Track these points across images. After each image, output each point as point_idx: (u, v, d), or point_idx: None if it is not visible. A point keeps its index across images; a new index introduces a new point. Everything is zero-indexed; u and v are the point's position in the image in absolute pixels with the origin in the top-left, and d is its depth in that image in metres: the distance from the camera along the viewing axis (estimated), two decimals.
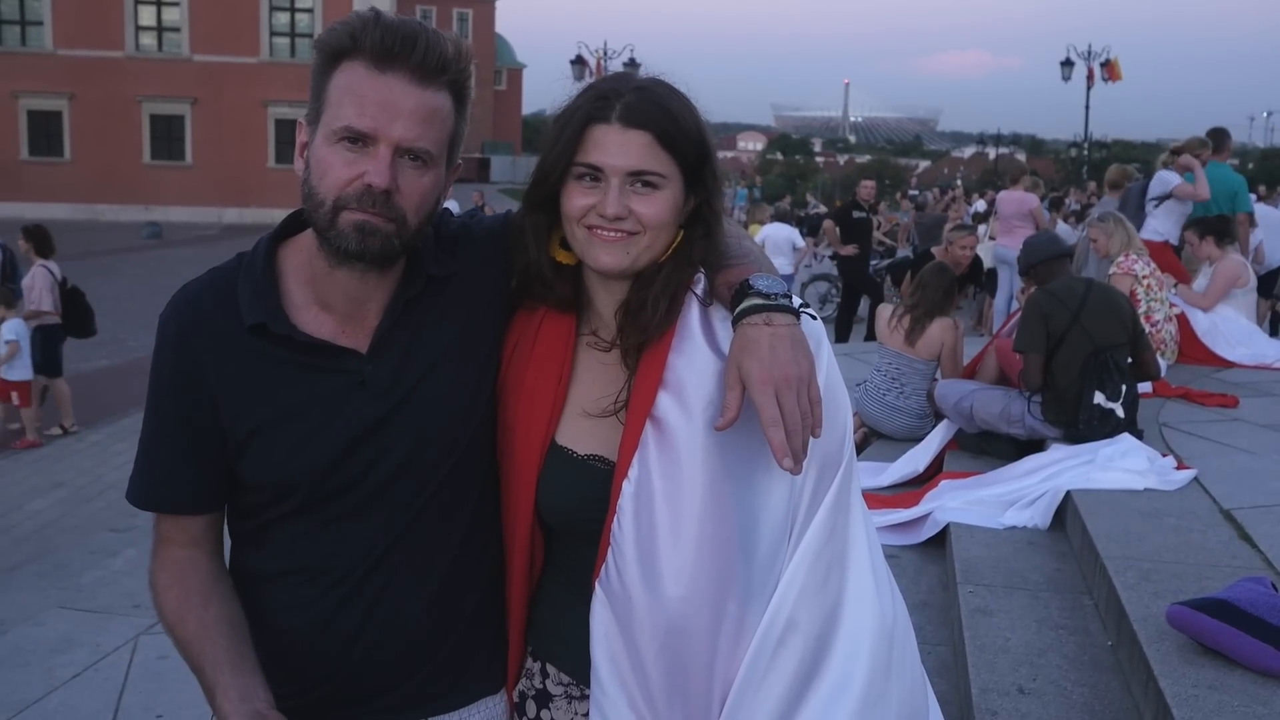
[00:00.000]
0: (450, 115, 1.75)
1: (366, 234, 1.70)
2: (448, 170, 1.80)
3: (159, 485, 1.83)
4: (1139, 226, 9.54)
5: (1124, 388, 5.73)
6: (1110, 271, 7.64)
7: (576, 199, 1.73)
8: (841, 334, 14.32)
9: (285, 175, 40.14)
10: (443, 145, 1.75)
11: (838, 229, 15.01)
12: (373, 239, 1.70)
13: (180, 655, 1.81)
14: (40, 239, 11.25)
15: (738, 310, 1.70)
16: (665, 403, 1.72)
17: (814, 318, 1.75)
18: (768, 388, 1.60)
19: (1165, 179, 9.68)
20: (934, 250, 10.63)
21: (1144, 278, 7.66)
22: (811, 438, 1.66)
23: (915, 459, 6.47)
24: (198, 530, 1.86)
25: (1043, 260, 6.27)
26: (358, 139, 1.67)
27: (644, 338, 1.75)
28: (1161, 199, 9.62)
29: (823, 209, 16.44)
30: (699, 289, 1.80)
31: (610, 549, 1.73)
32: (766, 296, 1.69)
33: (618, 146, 1.70)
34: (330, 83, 1.70)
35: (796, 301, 1.75)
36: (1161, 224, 9.60)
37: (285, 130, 41.72)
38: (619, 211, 1.69)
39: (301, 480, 1.77)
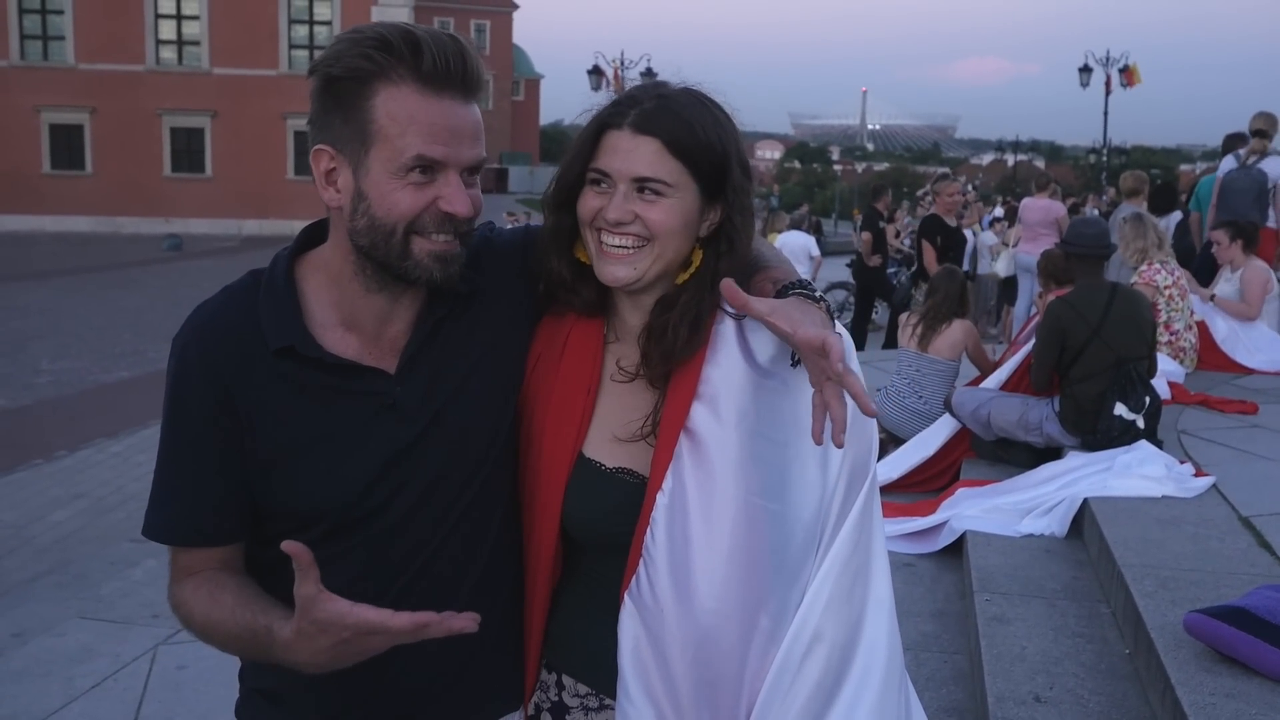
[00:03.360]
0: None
1: (448, 261, 1.70)
2: None
3: (186, 517, 1.73)
4: (1263, 217, 9.51)
5: (1147, 399, 5.71)
6: (1131, 281, 7.61)
7: (588, 201, 1.75)
8: (857, 341, 14.31)
9: (304, 187, 40.50)
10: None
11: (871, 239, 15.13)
12: (452, 264, 1.71)
13: (220, 643, 1.71)
14: None
15: (791, 289, 1.70)
16: (700, 414, 1.72)
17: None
18: (817, 340, 1.55)
19: None
20: (933, 210, 10.88)
21: (1166, 288, 7.63)
22: (846, 451, 1.68)
23: (924, 444, 6.48)
24: (222, 559, 1.77)
25: (1083, 252, 6.07)
26: (430, 167, 1.65)
27: (669, 365, 1.75)
28: None
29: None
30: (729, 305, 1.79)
31: (642, 561, 1.73)
32: (817, 302, 1.69)
33: (625, 152, 1.71)
34: (373, 107, 1.64)
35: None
36: None
37: (304, 142, 40.82)
38: (620, 216, 1.70)
39: (330, 507, 1.72)
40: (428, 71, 1.63)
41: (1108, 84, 40.30)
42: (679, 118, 1.71)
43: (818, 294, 1.70)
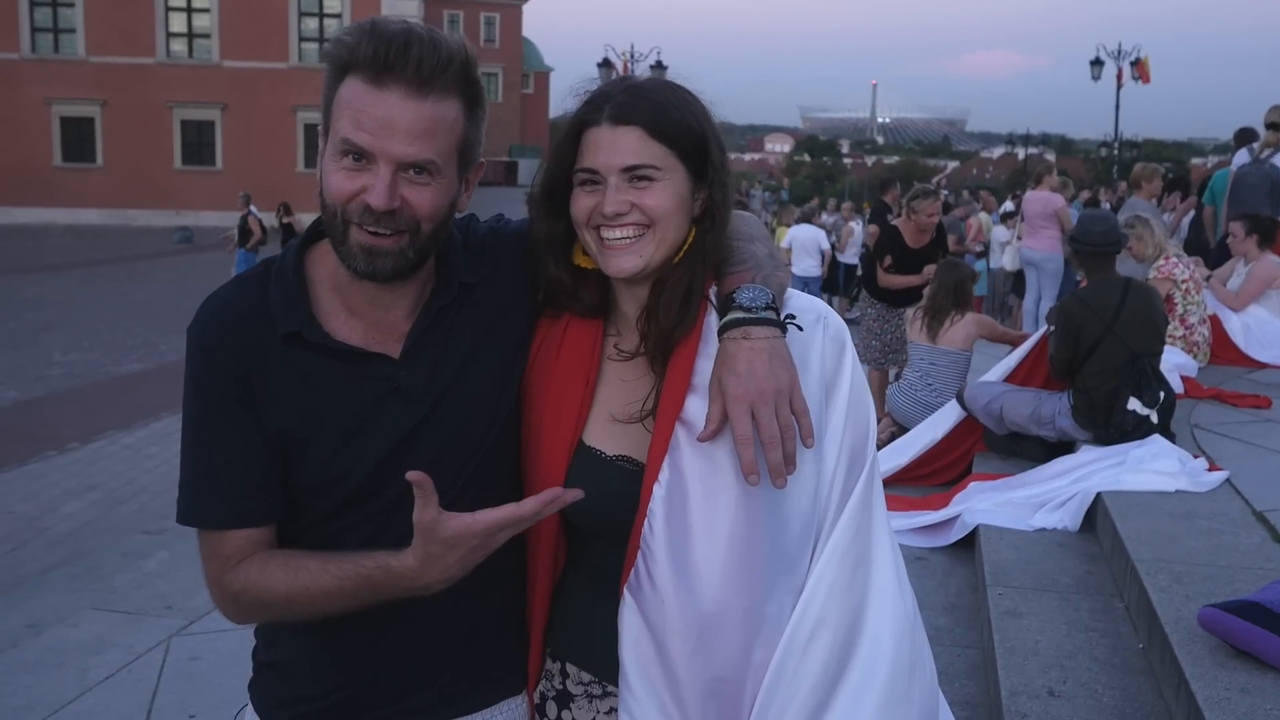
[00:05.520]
0: (458, 120, 1.73)
1: (375, 256, 1.71)
2: (466, 173, 1.80)
3: (229, 499, 1.75)
4: (1275, 212, 9.48)
5: (1161, 394, 5.69)
6: (1150, 275, 7.59)
7: (581, 201, 1.76)
8: None
9: (314, 180, 40.00)
10: (449, 153, 1.73)
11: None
12: (382, 260, 1.71)
13: (309, 607, 1.72)
14: None
15: (720, 325, 1.73)
16: (694, 406, 1.73)
17: (800, 328, 1.75)
18: (742, 404, 1.64)
19: None
20: (895, 221, 10.29)
21: (1183, 281, 7.61)
22: (830, 438, 1.70)
23: (930, 429, 6.49)
24: (264, 540, 1.79)
25: (1092, 250, 6.04)
26: (359, 155, 1.68)
27: (668, 343, 1.77)
28: None
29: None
30: (714, 296, 1.80)
31: (640, 552, 1.74)
32: (748, 310, 1.71)
33: (609, 145, 1.72)
34: (336, 96, 1.71)
35: (796, 304, 1.78)
36: None
37: (314, 135, 41.09)
38: (618, 208, 1.71)
39: (335, 487, 1.76)
40: (368, 62, 1.66)
41: (1119, 77, 40.15)
42: (653, 103, 1.74)
43: (754, 309, 1.71)
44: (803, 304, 1.82)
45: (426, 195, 1.71)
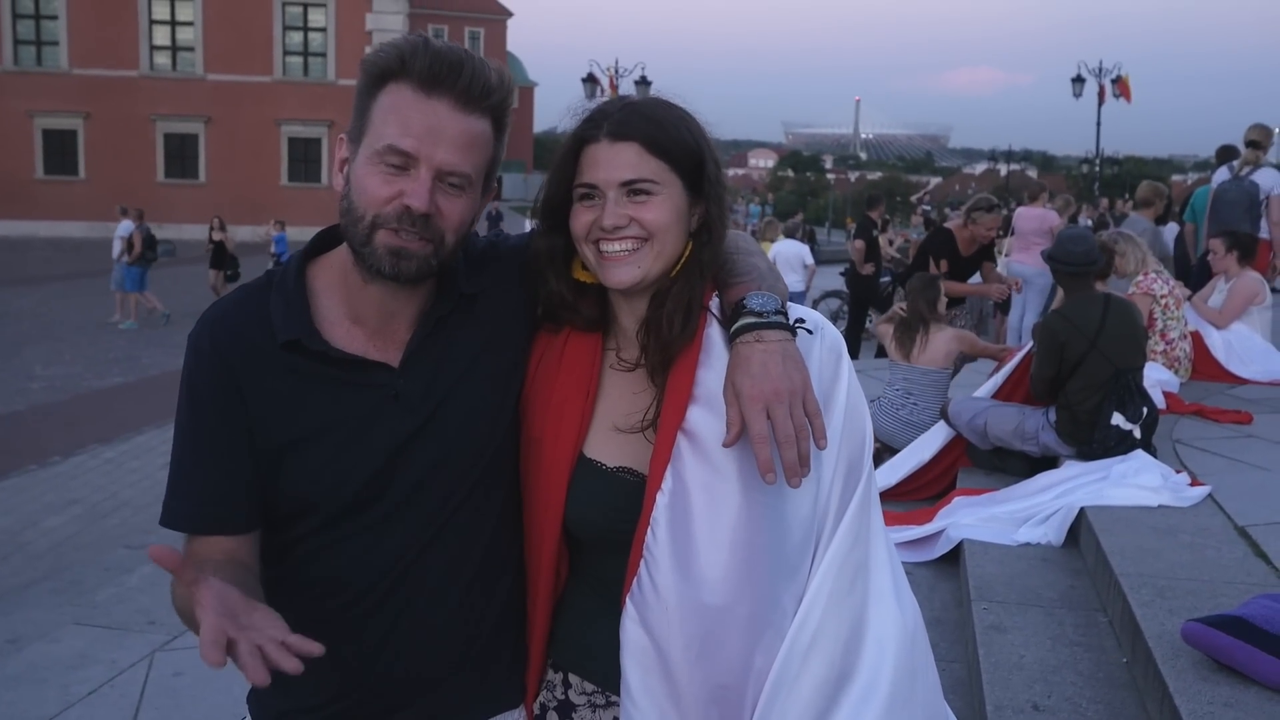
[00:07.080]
0: (490, 141, 1.80)
1: (401, 258, 1.74)
2: (484, 193, 1.85)
3: (207, 504, 1.77)
4: (1254, 229, 9.57)
5: (1144, 410, 5.72)
6: (1129, 291, 7.63)
7: (581, 216, 1.79)
8: (851, 350, 14.30)
9: (298, 194, 40.70)
10: (481, 170, 1.79)
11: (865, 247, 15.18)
12: (407, 263, 1.75)
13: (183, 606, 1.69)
14: None
15: (732, 330, 1.76)
16: (697, 416, 1.76)
17: (810, 332, 1.79)
18: (757, 403, 1.65)
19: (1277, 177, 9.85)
20: (951, 226, 10.21)
21: (1162, 297, 7.66)
22: (827, 446, 1.71)
23: (920, 449, 6.51)
24: (232, 550, 1.77)
25: (1071, 271, 6.09)
26: (400, 159, 1.71)
27: (668, 355, 1.79)
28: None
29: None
30: (715, 308, 1.84)
31: (644, 561, 1.76)
32: (759, 314, 1.75)
33: (607, 160, 1.76)
34: (376, 103, 1.74)
35: (796, 314, 1.81)
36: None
37: (298, 149, 42.02)
38: (616, 221, 1.75)
39: (333, 495, 1.78)
40: (421, 73, 1.71)
41: (1100, 94, 40.41)
42: (650, 119, 1.77)
43: (765, 314, 1.75)
44: (799, 314, 1.84)
45: (457, 207, 1.77)
